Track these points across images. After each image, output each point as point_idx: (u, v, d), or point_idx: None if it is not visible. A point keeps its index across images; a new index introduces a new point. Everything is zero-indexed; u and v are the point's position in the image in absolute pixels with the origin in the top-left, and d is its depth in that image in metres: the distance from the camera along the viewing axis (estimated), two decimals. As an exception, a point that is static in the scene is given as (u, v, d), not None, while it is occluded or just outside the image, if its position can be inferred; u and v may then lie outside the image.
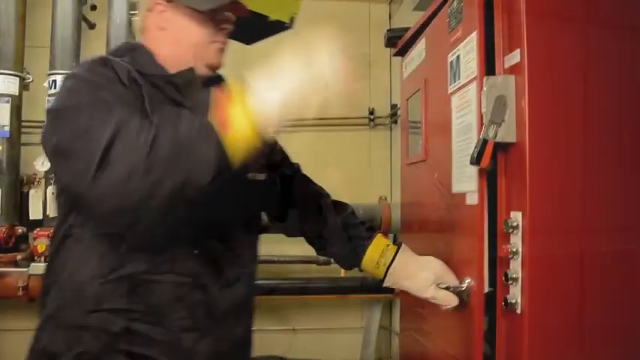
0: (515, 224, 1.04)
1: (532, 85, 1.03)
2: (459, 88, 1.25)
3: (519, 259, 1.03)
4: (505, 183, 1.10)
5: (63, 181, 1.07)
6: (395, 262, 1.25)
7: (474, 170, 1.13)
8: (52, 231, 1.16)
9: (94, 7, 3.39)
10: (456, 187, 1.26)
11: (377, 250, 1.28)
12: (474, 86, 1.16)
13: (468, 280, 1.18)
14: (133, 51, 1.14)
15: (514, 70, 1.07)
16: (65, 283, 1.03)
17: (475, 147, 1.08)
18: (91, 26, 3.32)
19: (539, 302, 1.01)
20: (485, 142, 1.06)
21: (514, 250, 1.04)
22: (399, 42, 1.87)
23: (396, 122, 3.47)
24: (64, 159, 0.94)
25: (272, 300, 3.13)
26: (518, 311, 1.03)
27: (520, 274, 1.02)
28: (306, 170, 1.45)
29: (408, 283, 1.24)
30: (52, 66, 2.83)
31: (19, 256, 2.80)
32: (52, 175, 2.76)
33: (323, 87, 0.92)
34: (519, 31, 1.04)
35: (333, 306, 3.36)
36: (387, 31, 1.99)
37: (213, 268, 1.09)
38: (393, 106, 3.45)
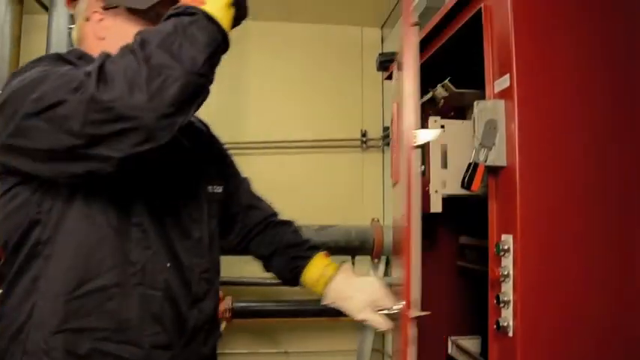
0: (506, 247, 1.04)
1: (521, 109, 1.04)
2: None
3: (511, 281, 1.03)
4: (496, 206, 1.10)
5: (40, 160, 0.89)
6: (333, 281, 1.26)
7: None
8: None
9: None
10: (398, 210, 1.28)
11: (316, 269, 1.29)
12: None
13: (401, 304, 1.14)
14: (82, 59, 1.05)
15: (504, 94, 1.08)
16: (27, 304, 0.95)
17: (466, 171, 1.09)
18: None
19: (531, 325, 1.01)
20: (476, 165, 1.07)
21: (505, 272, 1.04)
22: (390, 66, 1.90)
23: (388, 144, 3.49)
24: (41, 126, 0.83)
25: (264, 322, 3.10)
26: (510, 334, 1.03)
27: (512, 297, 1.03)
28: (298, 191, 1.46)
29: (344, 304, 1.25)
30: (45, 87, 2.84)
31: None
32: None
33: None
34: (508, 56, 1.06)
35: (326, 328, 3.33)
36: (379, 55, 2.02)
37: (182, 282, 1.07)
38: (385, 129, 3.47)
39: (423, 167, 1.53)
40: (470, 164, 1.08)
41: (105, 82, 0.78)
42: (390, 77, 1.94)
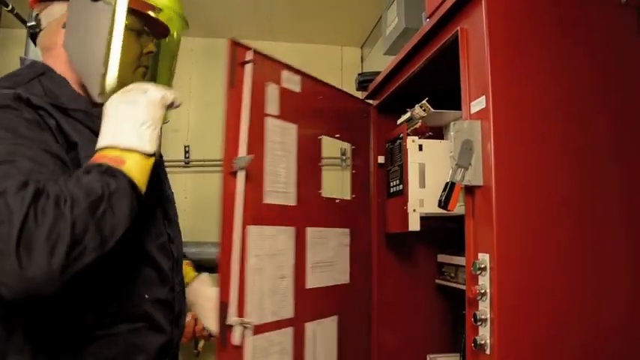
0: (483, 266, 1.05)
1: (497, 130, 1.06)
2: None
3: (488, 300, 1.04)
4: (473, 225, 1.12)
5: None
6: (188, 287, 1.33)
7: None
8: None
9: (67, 45, 3.39)
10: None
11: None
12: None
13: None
14: (41, 76, 1.01)
15: (480, 115, 1.10)
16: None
17: (443, 190, 1.10)
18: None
19: (508, 343, 1.01)
20: (452, 185, 1.09)
21: (482, 291, 1.05)
22: (369, 85, 1.92)
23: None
24: None
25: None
26: (488, 352, 1.03)
27: (489, 315, 1.03)
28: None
29: (197, 309, 1.35)
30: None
31: None
32: None
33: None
34: (484, 78, 1.08)
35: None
36: (358, 74, 2.04)
37: (164, 305, 1.08)
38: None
39: (401, 186, 1.54)
40: (447, 184, 1.10)
41: (27, 249, 0.72)
42: (369, 97, 1.96)
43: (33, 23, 1.09)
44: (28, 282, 0.71)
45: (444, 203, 1.09)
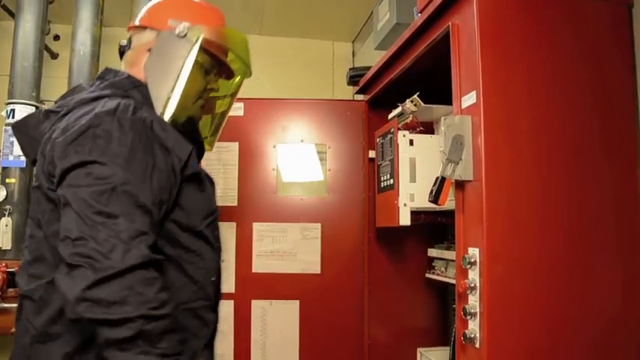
0: (472, 260, 1.06)
1: (488, 125, 1.06)
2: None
3: (477, 294, 1.05)
4: (463, 220, 1.12)
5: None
6: None
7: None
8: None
9: (57, 38, 3.36)
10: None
11: None
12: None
13: None
14: (137, 88, 1.15)
15: (471, 110, 1.10)
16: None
17: (434, 185, 1.11)
18: (54, 56, 3.28)
19: (498, 336, 1.02)
20: (443, 180, 1.09)
21: (472, 285, 1.06)
22: (360, 80, 1.92)
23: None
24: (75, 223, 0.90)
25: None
26: (477, 345, 1.04)
27: (478, 309, 1.04)
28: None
29: None
30: (10, 95, 2.77)
31: None
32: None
33: None
34: (475, 73, 1.09)
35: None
36: (350, 69, 2.03)
37: (217, 288, 1.19)
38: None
39: (391, 180, 1.55)
40: (437, 178, 1.10)
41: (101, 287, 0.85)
42: (360, 91, 1.96)
43: (125, 43, 1.26)
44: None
45: (434, 198, 1.10)
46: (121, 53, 1.27)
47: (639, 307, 1.14)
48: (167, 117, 1.13)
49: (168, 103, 1.15)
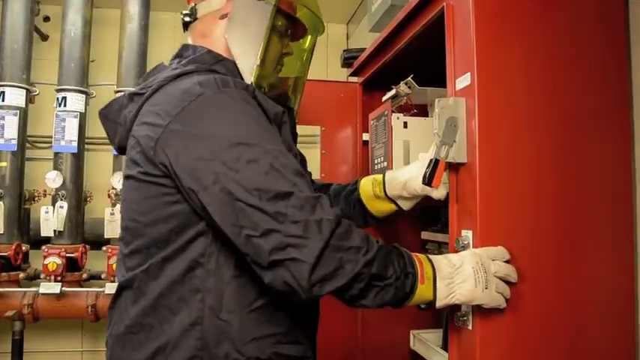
0: (466, 242, 1.06)
1: (482, 107, 1.06)
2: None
3: (470, 276, 1.05)
4: (456, 202, 1.12)
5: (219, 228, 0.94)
6: (386, 177, 1.34)
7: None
8: (127, 255, 1.05)
9: (47, 19, 3.32)
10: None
11: (367, 184, 1.38)
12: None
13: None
14: (220, 62, 1.11)
15: (465, 92, 1.10)
16: (202, 319, 0.97)
17: (427, 167, 1.10)
18: (44, 38, 3.24)
19: (490, 319, 1.03)
20: (437, 162, 1.09)
21: (465, 267, 1.06)
22: (354, 62, 1.90)
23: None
24: (235, 210, 0.88)
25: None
26: (470, 327, 1.05)
27: (471, 291, 1.04)
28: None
29: (403, 174, 1.30)
30: (0, 78, 2.74)
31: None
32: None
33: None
34: (470, 54, 1.08)
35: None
36: (344, 51, 2.02)
37: None
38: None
39: (385, 163, 1.55)
40: (431, 161, 1.10)
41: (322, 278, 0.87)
42: (354, 74, 1.95)
43: (188, 12, 1.19)
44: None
45: (427, 180, 1.09)
46: (185, 25, 1.22)
47: (628, 291, 1.15)
48: (258, 86, 1.11)
49: (257, 72, 1.12)
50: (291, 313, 1.04)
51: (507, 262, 1.03)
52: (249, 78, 1.12)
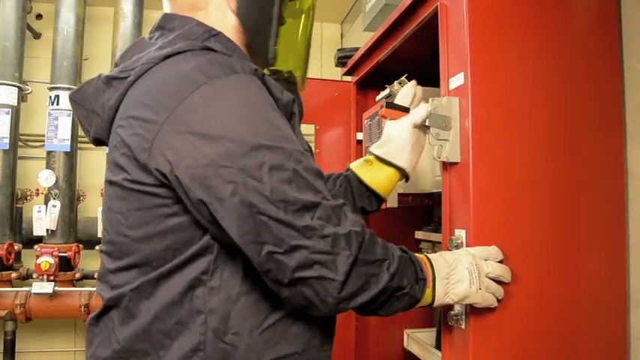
0: (459, 242, 1.06)
1: (475, 107, 1.06)
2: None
3: (463, 275, 1.05)
4: (450, 201, 1.12)
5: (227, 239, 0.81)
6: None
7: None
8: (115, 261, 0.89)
9: (39, 16, 3.30)
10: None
11: (359, 163, 1.24)
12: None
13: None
14: (214, 37, 0.92)
15: (458, 92, 1.10)
16: (204, 345, 0.83)
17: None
18: (37, 36, 3.22)
19: (483, 318, 1.03)
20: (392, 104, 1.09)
21: (458, 266, 1.06)
22: (348, 62, 1.90)
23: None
24: (255, 224, 0.76)
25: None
26: (463, 326, 1.05)
27: (464, 291, 1.05)
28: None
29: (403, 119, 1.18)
30: (-8, 76, 2.73)
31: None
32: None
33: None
34: (463, 54, 1.08)
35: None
36: (338, 50, 2.02)
37: None
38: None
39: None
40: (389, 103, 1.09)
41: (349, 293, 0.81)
42: (348, 73, 1.94)
43: None
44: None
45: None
46: None
47: (620, 289, 1.16)
48: (274, 71, 1.01)
49: (271, 50, 0.99)
50: (308, 327, 0.92)
51: (501, 262, 1.02)
52: (264, 59, 0.99)
